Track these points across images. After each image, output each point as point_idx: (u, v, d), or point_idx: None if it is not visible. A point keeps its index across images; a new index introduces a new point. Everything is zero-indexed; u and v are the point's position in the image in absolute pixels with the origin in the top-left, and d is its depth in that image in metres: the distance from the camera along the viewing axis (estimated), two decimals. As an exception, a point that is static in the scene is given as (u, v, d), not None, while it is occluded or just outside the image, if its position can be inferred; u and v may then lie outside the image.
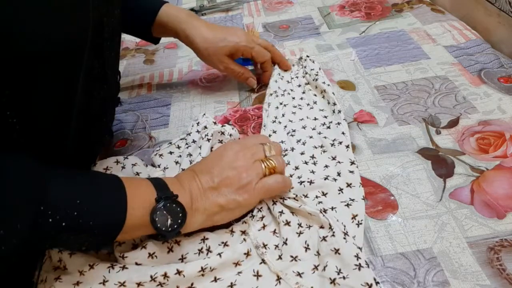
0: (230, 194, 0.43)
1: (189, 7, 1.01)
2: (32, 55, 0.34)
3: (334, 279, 0.39)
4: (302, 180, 0.50)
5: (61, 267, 0.42)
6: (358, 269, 0.39)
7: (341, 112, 0.58)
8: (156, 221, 0.39)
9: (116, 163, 0.52)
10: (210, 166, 0.45)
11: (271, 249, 0.44)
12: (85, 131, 0.48)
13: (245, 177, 0.44)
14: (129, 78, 0.79)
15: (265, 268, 0.42)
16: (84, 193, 0.37)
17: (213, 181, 0.43)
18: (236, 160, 0.45)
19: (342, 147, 0.53)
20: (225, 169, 0.44)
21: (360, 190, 0.48)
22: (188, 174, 0.45)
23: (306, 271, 0.41)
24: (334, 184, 0.49)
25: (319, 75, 0.66)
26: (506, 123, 0.55)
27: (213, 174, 0.44)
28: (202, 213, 0.42)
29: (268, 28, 0.88)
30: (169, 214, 0.39)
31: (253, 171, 0.45)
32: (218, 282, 0.41)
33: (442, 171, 0.50)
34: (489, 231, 0.43)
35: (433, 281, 0.40)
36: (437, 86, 0.63)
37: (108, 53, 0.48)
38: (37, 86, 0.36)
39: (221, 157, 0.46)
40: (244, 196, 0.44)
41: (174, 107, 0.69)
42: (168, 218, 0.39)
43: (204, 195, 0.43)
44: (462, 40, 0.73)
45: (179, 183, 0.43)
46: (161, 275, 0.40)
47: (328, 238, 0.42)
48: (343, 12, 0.89)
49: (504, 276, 0.39)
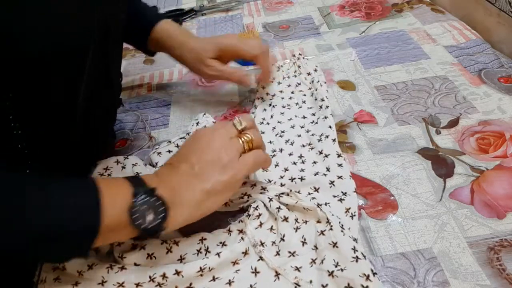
0: (214, 176, 0.41)
1: (189, 7, 1.01)
2: (34, 56, 0.33)
3: (332, 271, 0.39)
4: (293, 177, 0.50)
5: (60, 268, 0.42)
6: (355, 261, 0.39)
7: (328, 107, 0.59)
8: (136, 218, 0.36)
9: (116, 163, 0.52)
10: (187, 154, 0.43)
11: (269, 246, 0.44)
12: (88, 134, 0.48)
13: (225, 155, 0.42)
14: (129, 78, 0.79)
15: (263, 265, 0.42)
16: (54, 199, 0.34)
17: (193, 168, 0.41)
18: (212, 142, 0.43)
19: (329, 141, 0.54)
20: (203, 153, 0.42)
21: (351, 182, 0.49)
22: (166, 168, 0.43)
23: (304, 265, 0.42)
24: (324, 179, 0.49)
25: (312, 74, 0.66)
26: (506, 123, 0.55)
27: (192, 161, 0.42)
28: (187, 206, 0.40)
29: (268, 28, 0.88)
30: (148, 209, 0.37)
31: (232, 148, 0.43)
32: (216, 281, 0.41)
33: (442, 171, 0.50)
34: (489, 231, 0.43)
35: (433, 281, 0.40)
36: (437, 86, 0.63)
37: (113, 58, 0.48)
38: (40, 88, 0.36)
39: (196, 142, 0.44)
40: (229, 173, 0.41)
41: (174, 107, 0.69)
42: (148, 214, 0.37)
43: (187, 185, 0.40)
44: (462, 40, 0.73)
45: (157, 177, 0.41)
46: (160, 276, 0.40)
47: (326, 232, 0.42)
48: (343, 12, 0.89)
49: (504, 276, 0.39)
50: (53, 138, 0.41)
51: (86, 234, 0.35)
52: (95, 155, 0.56)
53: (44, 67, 0.35)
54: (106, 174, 0.51)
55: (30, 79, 0.35)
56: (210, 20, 0.96)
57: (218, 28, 0.92)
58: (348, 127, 0.59)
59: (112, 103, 0.58)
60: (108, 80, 0.49)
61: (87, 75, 0.41)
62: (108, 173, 0.51)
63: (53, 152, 0.41)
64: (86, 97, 0.42)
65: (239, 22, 0.93)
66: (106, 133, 0.59)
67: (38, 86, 0.36)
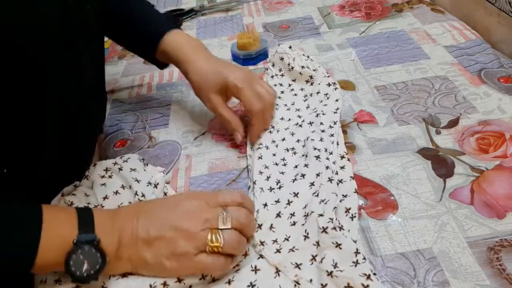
0: (159, 256, 0.39)
1: (189, 7, 1.01)
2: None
3: (330, 271, 0.39)
4: (272, 187, 0.50)
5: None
6: (355, 265, 0.39)
7: (338, 101, 0.61)
8: (70, 265, 0.36)
9: (114, 165, 0.52)
10: (157, 211, 0.41)
11: (269, 244, 0.44)
12: (68, 131, 0.46)
13: (183, 245, 0.39)
14: (129, 78, 0.79)
15: (264, 262, 0.42)
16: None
17: (149, 233, 0.39)
18: (184, 220, 0.40)
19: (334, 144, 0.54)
20: (166, 225, 0.39)
21: (352, 184, 0.49)
22: (131, 212, 0.41)
23: (304, 262, 0.42)
24: (328, 184, 0.48)
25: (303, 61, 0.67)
26: (506, 123, 0.55)
27: (153, 223, 0.40)
28: (126, 262, 0.39)
29: (268, 28, 0.88)
30: (86, 258, 0.36)
31: (193, 242, 0.39)
32: (216, 281, 0.41)
33: (442, 171, 0.50)
34: (489, 231, 0.43)
35: (433, 281, 0.40)
36: (437, 86, 0.63)
37: (84, 52, 0.47)
38: (2, 84, 0.35)
39: (174, 208, 0.41)
40: (173, 265, 0.39)
41: (174, 107, 0.69)
42: (84, 263, 0.36)
43: (134, 245, 0.39)
44: (462, 40, 0.73)
45: (111, 222, 0.40)
46: (161, 284, 0.40)
47: (329, 230, 0.42)
48: (343, 12, 0.89)
49: (504, 276, 0.39)
50: (24, 139, 0.39)
51: (21, 267, 0.36)
52: (86, 155, 0.55)
53: (5, 60, 0.33)
54: (107, 176, 0.50)
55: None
56: (210, 20, 0.96)
57: (218, 28, 0.92)
58: (348, 127, 0.59)
59: (92, 99, 0.55)
60: (78, 74, 0.47)
61: (54, 70, 0.39)
62: (109, 174, 0.51)
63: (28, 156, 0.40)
64: (56, 91, 0.41)
65: (239, 22, 0.93)
66: (91, 129, 0.57)
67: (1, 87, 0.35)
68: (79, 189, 0.49)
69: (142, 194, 0.48)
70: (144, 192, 0.48)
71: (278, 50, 0.70)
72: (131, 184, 0.49)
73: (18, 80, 0.36)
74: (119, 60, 0.86)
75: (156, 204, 0.43)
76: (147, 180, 0.50)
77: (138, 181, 0.50)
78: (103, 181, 0.50)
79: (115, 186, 0.49)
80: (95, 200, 0.48)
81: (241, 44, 0.76)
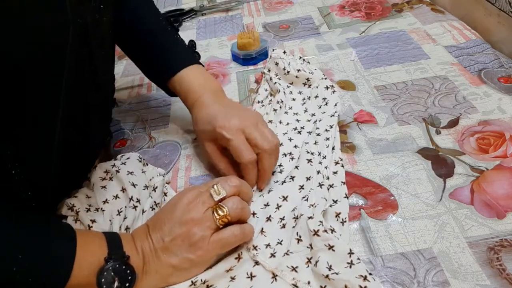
0: (182, 253, 0.40)
1: (189, 7, 1.01)
2: (6, 62, 0.32)
3: (326, 275, 0.39)
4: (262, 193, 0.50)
5: None
6: (349, 267, 0.39)
7: (337, 105, 0.61)
8: (102, 283, 0.37)
9: (112, 167, 0.51)
10: (162, 221, 0.42)
11: (262, 249, 0.43)
12: (81, 136, 0.47)
13: (196, 232, 0.40)
14: (129, 78, 0.79)
15: (259, 268, 0.42)
16: (27, 245, 0.35)
17: (163, 240, 0.41)
18: (187, 213, 0.41)
19: (329, 149, 0.54)
20: (175, 226, 0.41)
21: (342, 189, 0.49)
22: (142, 231, 0.43)
23: (300, 265, 0.41)
24: (319, 189, 0.48)
25: (298, 64, 0.67)
26: (506, 123, 0.55)
27: (164, 231, 0.41)
28: (153, 276, 0.40)
29: (268, 28, 0.88)
30: (116, 276, 0.37)
31: (203, 225, 0.41)
32: None
33: (442, 171, 0.50)
34: (489, 231, 0.43)
35: (433, 281, 0.40)
36: (437, 86, 0.63)
37: (100, 61, 0.47)
38: (18, 94, 0.35)
39: (174, 209, 0.42)
40: (198, 253, 0.40)
41: (174, 107, 0.69)
42: (116, 280, 0.37)
43: (156, 256, 0.40)
44: (462, 40, 0.73)
45: (133, 241, 0.41)
46: None
47: (320, 233, 0.42)
48: (343, 12, 0.89)
49: (504, 276, 0.39)
50: (37, 143, 0.39)
51: (54, 285, 0.36)
52: (92, 156, 0.55)
53: (18, 72, 0.33)
54: (107, 178, 0.50)
55: (5, 86, 0.33)
56: (210, 20, 0.96)
57: (218, 28, 0.92)
58: (348, 127, 0.59)
59: (105, 104, 0.57)
60: (96, 82, 0.47)
61: (70, 77, 0.39)
62: (109, 176, 0.50)
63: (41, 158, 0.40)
64: (71, 100, 0.41)
65: (239, 22, 0.93)
66: (102, 132, 0.58)
67: (15, 93, 0.34)
68: (81, 191, 0.49)
69: (137, 199, 0.48)
70: (139, 197, 0.48)
71: (273, 55, 0.70)
72: (127, 188, 0.49)
73: (33, 91, 0.36)
74: (119, 60, 0.86)
75: (158, 215, 0.44)
76: (144, 184, 0.50)
77: (134, 186, 0.49)
78: (104, 184, 0.49)
79: (115, 190, 0.48)
80: (96, 203, 0.48)
81: (241, 44, 0.76)
